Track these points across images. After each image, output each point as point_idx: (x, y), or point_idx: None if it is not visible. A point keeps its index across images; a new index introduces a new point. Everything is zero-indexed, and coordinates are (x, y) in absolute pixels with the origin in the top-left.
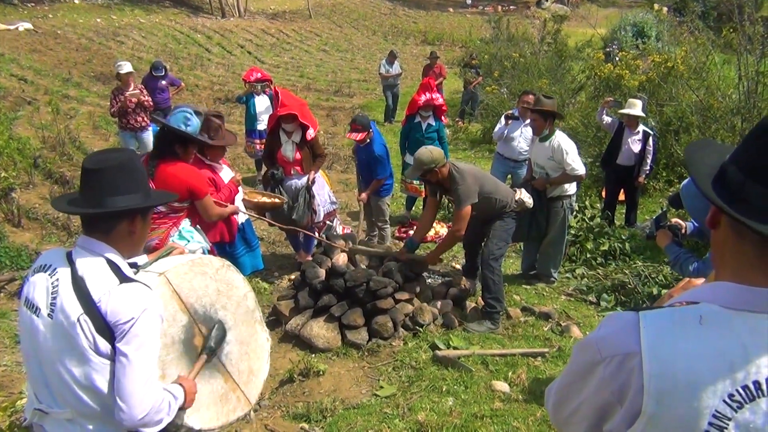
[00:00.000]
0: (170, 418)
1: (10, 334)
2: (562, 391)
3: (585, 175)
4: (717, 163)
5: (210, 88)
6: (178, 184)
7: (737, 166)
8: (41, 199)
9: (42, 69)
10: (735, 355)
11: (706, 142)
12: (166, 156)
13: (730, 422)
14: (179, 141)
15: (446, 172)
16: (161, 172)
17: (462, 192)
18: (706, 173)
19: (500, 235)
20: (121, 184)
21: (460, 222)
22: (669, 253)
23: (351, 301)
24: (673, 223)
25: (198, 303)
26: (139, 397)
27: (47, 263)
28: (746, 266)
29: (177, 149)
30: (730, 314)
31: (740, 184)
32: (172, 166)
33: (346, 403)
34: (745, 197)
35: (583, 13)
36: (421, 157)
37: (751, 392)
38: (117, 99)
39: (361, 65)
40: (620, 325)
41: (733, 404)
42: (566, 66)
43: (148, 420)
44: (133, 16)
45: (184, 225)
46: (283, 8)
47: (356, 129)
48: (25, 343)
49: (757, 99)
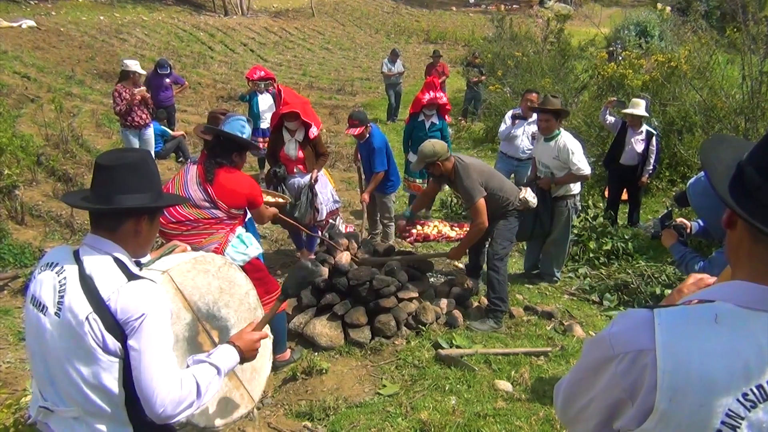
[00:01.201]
0: (203, 399)
1: (14, 332)
2: (572, 387)
3: (590, 175)
4: (733, 161)
5: (213, 86)
6: (239, 192)
7: (755, 167)
8: (44, 196)
9: (45, 66)
10: (750, 354)
11: (721, 138)
12: (223, 164)
13: (743, 421)
14: (237, 149)
15: (450, 167)
16: (222, 179)
17: (467, 187)
18: (723, 173)
19: (504, 235)
20: (132, 183)
21: (479, 215)
22: (674, 252)
23: (354, 299)
24: (678, 222)
25: (201, 301)
26: (156, 391)
27: (54, 261)
28: (762, 267)
29: (234, 157)
30: (746, 313)
31: (758, 188)
32: (232, 174)
33: (348, 402)
34: (763, 201)
35: (586, 12)
36: (423, 150)
37: (765, 391)
38: (122, 98)
39: (364, 64)
40: (634, 321)
41: (747, 403)
42: (569, 65)
43: (170, 413)
44: (136, 14)
45: (240, 231)
46: (286, 6)
47: (354, 124)
48: (31, 341)
49: (761, 99)
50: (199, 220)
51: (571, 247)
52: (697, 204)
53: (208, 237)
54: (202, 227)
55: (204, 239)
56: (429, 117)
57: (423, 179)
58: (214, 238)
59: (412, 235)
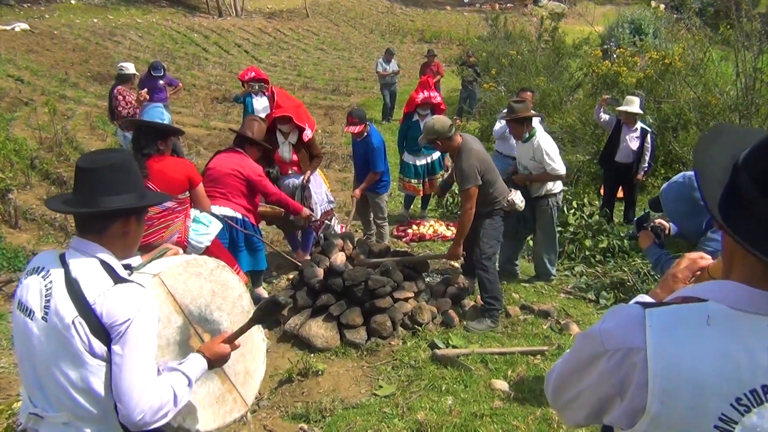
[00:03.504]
0: (177, 408)
1: (8, 336)
2: (562, 378)
3: (565, 175)
4: (729, 161)
5: (207, 87)
6: (177, 177)
7: (750, 175)
8: (38, 200)
9: (39, 69)
10: (742, 357)
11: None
12: (151, 154)
13: (737, 426)
14: (160, 136)
15: (454, 146)
16: (156, 170)
17: (465, 171)
18: (716, 177)
19: (490, 234)
20: (116, 184)
21: (468, 200)
22: (650, 255)
23: (349, 300)
24: (657, 223)
25: (193, 304)
26: (136, 398)
27: (40, 265)
28: (755, 272)
29: (160, 145)
30: (738, 316)
31: (751, 201)
32: (163, 162)
33: (345, 403)
34: (757, 216)
35: (580, 10)
36: (426, 126)
37: (759, 396)
38: (127, 101)
39: (359, 64)
40: (625, 319)
41: (741, 408)
42: (564, 63)
43: (148, 420)
44: (130, 16)
45: (194, 213)
46: (280, 7)
47: (353, 122)
48: (19, 346)
49: (755, 95)
50: (152, 218)
51: (567, 245)
52: (671, 210)
53: (167, 230)
54: (158, 223)
55: (164, 233)
56: (423, 117)
57: (418, 179)
58: (173, 228)
59: (407, 235)
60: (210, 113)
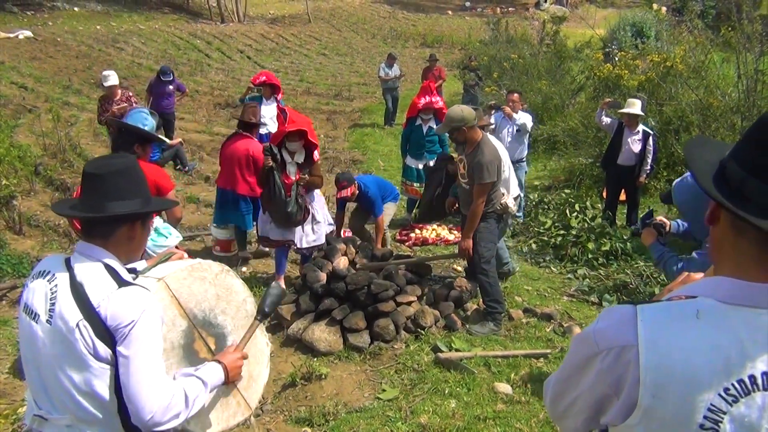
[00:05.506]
0: (190, 410)
1: (12, 342)
2: (560, 384)
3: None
4: (716, 160)
5: (210, 93)
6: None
7: (737, 162)
8: (42, 206)
9: (42, 76)
10: (731, 349)
11: (703, 140)
12: None
13: (725, 416)
14: (139, 141)
15: (475, 137)
16: None
17: (484, 164)
18: (706, 170)
19: (486, 237)
20: (122, 190)
21: (481, 195)
22: (653, 251)
23: (352, 304)
24: (658, 221)
25: (197, 308)
26: (145, 397)
27: (46, 269)
28: (745, 262)
29: (137, 149)
30: (726, 309)
31: (740, 181)
32: None
33: (348, 407)
34: (746, 194)
35: (581, 13)
36: (451, 114)
37: (746, 386)
38: (105, 108)
39: (361, 69)
40: (617, 317)
41: (729, 398)
42: (565, 67)
43: (158, 420)
44: (132, 23)
45: (157, 223)
46: (282, 13)
47: (343, 186)
48: (25, 349)
49: (757, 97)
50: None
51: (570, 248)
52: (681, 202)
53: None
54: None
55: None
56: (426, 121)
57: (420, 183)
58: None
59: (410, 239)
60: (213, 119)
